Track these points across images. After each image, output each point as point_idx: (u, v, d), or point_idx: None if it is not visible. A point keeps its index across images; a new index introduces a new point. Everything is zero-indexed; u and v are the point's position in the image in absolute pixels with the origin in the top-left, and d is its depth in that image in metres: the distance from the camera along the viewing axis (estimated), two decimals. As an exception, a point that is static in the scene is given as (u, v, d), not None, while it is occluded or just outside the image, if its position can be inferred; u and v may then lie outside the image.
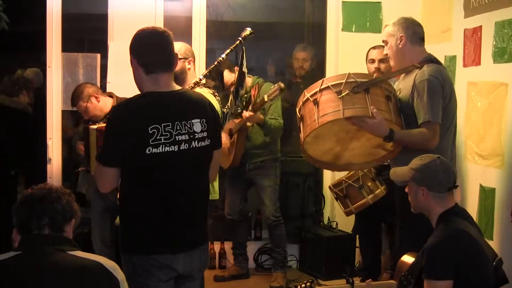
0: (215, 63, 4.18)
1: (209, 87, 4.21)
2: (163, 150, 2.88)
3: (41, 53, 6.18)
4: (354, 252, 5.70)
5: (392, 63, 4.12)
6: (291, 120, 6.10)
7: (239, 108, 4.95)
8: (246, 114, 5.00)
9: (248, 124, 5.17)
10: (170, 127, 2.90)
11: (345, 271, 3.60)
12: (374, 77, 3.94)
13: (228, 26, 6.98)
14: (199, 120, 3.00)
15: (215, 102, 3.98)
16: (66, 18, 5.71)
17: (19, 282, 2.32)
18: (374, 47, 5.15)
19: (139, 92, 3.05)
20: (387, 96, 3.82)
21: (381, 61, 5.02)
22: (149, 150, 2.85)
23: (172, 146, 2.90)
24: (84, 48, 7.32)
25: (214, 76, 5.17)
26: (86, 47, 7.47)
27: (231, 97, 4.35)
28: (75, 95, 4.95)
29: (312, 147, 3.96)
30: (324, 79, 3.88)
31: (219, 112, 3.86)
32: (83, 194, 5.41)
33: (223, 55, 4.13)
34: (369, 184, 4.89)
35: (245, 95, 5.29)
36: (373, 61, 5.08)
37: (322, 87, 3.78)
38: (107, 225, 5.01)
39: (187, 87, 3.98)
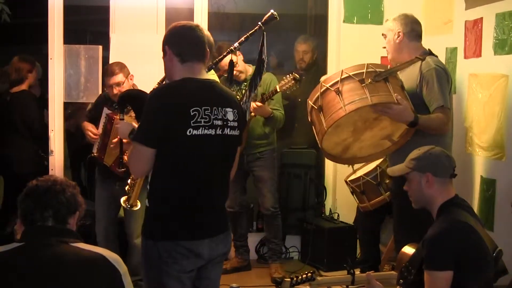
0: (224, 53, 3.95)
1: None
2: (202, 133, 2.94)
3: (43, 45, 6.19)
4: (355, 243, 5.71)
5: (389, 56, 4.30)
6: (293, 112, 6.10)
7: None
8: (253, 104, 4.95)
9: (252, 114, 5.13)
10: (209, 111, 2.97)
11: (346, 262, 3.61)
12: (388, 67, 4.05)
13: (230, 18, 6.98)
14: (231, 109, 3.08)
15: None
16: (68, 10, 5.69)
17: (22, 274, 2.33)
18: None
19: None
20: (401, 85, 3.96)
21: None
22: (189, 132, 2.91)
23: (210, 130, 2.97)
24: (86, 40, 7.33)
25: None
26: (88, 39, 7.48)
27: (246, 91, 4.01)
28: (117, 67, 4.79)
29: (329, 137, 4.00)
30: (343, 69, 3.94)
31: None
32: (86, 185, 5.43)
33: (236, 44, 3.84)
34: (387, 181, 4.85)
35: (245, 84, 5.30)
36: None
37: (343, 77, 3.85)
38: (112, 217, 5.01)
39: None
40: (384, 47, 4.31)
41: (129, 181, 4.00)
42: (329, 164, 6.06)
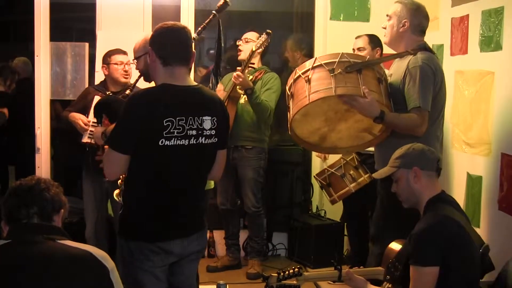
0: None
1: None
2: (175, 143, 2.95)
3: (29, 42, 6.16)
4: (342, 240, 5.73)
5: (386, 39, 4.10)
6: (281, 109, 6.08)
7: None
8: (235, 74, 4.91)
9: (239, 91, 5.05)
10: (184, 121, 2.97)
11: (333, 258, 3.61)
12: (367, 59, 3.93)
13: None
14: (209, 117, 3.07)
15: None
16: (54, 7, 5.68)
17: (9, 271, 2.32)
18: (357, 37, 5.16)
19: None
20: (379, 79, 3.82)
21: (359, 50, 5.02)
22: (161, 142, 2.92)
23: (183, 140, 2.97)
24: (72, 37, 7.29)
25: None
26: (75, 36, 7.44)
27: (211, 78, 4.06)
28: (122, 51, 4.90)
29: (300, 125, 3.96)
30: (317, 57, 3.87)
31: None
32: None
33: (194, 35, 3.79)
34: (352, 172, 4.90)
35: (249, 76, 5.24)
36: (353, 51, 5.07)
37: (314, 65, 3.78)
38: (102, 212, 4.98)
39: None
40: (384, 27, 4.10)
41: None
42: (315, 162, 6.07)
